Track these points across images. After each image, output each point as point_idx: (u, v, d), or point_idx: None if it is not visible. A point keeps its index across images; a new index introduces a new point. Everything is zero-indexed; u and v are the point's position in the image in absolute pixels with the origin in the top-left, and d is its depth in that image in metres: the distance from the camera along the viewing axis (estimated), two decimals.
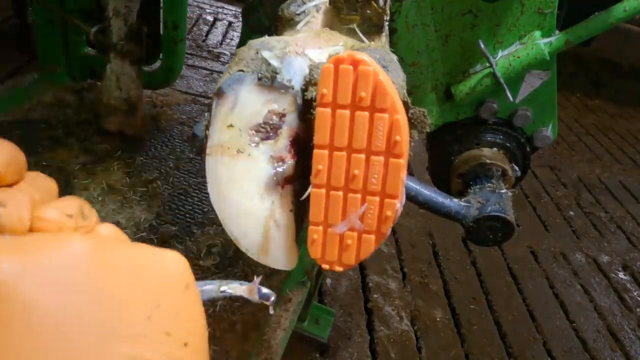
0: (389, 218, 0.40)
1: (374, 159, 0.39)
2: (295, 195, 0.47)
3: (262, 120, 0.45)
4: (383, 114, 0.38)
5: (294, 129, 0.46)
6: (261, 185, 0.46)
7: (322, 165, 0.40)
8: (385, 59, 0.45)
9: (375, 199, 0.40)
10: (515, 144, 0.76)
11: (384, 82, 0.38)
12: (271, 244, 0.47)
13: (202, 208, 1.42)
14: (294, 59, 0.46)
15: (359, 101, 0.38)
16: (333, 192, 0.41)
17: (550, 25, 0.68)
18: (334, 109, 0.39)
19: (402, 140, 0.38)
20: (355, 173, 0.40)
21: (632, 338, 1.90)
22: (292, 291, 1.15)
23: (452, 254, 2.03)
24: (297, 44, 0.47)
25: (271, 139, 0.46)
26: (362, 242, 0.41)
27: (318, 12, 0.54)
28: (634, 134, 3.72)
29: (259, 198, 0.46)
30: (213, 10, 2.97)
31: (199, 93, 2.00)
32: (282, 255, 0.48)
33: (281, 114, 0.45)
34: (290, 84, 0.45)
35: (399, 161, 0.39)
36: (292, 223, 0.48)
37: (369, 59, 0.38)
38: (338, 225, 0.41)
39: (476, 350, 1.66)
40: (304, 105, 0.45)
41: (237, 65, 0.46)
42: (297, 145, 0.46)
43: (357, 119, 0.39)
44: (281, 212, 0.47)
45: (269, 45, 0.47)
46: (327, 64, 0.38)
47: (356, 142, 0.39)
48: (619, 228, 2.54)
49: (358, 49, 0.46)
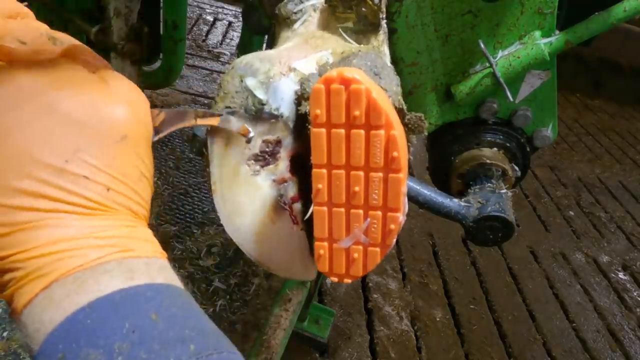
0: (393, 231, 0.40)
1: (373, 175, 0.39)
2: (303, 212, 0.48)
3: (259, 150, 0.46)
4: (379, 131, 0.38)
5: (292, 150, 0.47)
6: (270, 209, 0.47)
7: (322, 184, 0.40)
8: (377, 65, 0.44)
9: (378, 213, 0.40)
10: (515, 144, 0.76)
11: (377, 99, 0.37)
12: (290, 260, 0.49)
13: (202, 208, 1.42)
14: (279, 83, 0.46)
15: (354, 119, 0.38)
16: (335, 209, 0.41)
17: (550, 25, 0.68)
18: (329, 128, 0.39)
19: (399, 155, 0.38)
20: (355, 190, 0.40)
21: (632, 338, 1.90)
22: (292, 291, 1.15)
23: (452, 254, 2.03)
24: (281, 61, 0.47)
25: (271, 164, 0.47)
26: (368, 255, 0.42)
27: (315, 11, 0.54)
28: (634, 134, 3.72)
29: (270, 221, 0.48)
30: (213, 10, 2.97)
31: (199, 93, 2.00)
32: (301, 268, 0.50)
33: (276, 141, 0.46)
34: (279, 112, 0.45)
35: (398, 176, 0.39)
36: (305, 238, 0.49)
37: (359, 75, 0.37)
38: (343, 241, 0.42)
39: (476, 350, 1.66)
40: (299, 120, 0.45)
41: (223, 102, 0.46)
42: (297, 162, 0.47)
43: (353, 137, 0.38)
44: (293, 229, 0.48)
45: (252, 69, 0.46)
46: (317, 85, 0.38)
47: (354, 160, 0.39)
48: (619, 228, 2.54)
49: (348, 56, 0.46)
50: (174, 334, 0.29)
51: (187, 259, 1.21)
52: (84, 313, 0.28)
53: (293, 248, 0.49)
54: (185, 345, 0.29)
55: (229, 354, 0.30)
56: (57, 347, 0.28)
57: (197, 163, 1.56)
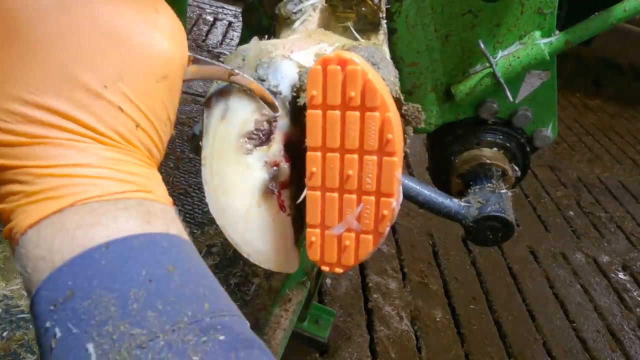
0: (386, 217, 0.40)
1: (368, 159, 0.39)
2: (293, 199, 0.47)
3: (254, 127, 0.45)
4: (374, 113, 0.38)
5: (287, 133, 0.46)
6: (258, 192, 0.46)
7: (316, 168, 0.40)
8: (375, 56, 0.44)
9: (371, 198, 0.40)
10: (515, 144, 0.76)
11: (372, 81, 0.37)
12: (272, 248, 0.48)
13: (202, 208, 1.42)
14: (280, 63, 0.46)
15: (349, 101, 0.38)
16: (328, 193, 0.41)
17: (550, 25, 0.68)
18: (324, 110, 0.39)
19: (394, 138, 0.38)
20: (349, 173, 0.40)
21: (632, 338, 1.90)
22: (292, 291, 1.15)
23: (452, 254, 2.03)
24: (285, 46, 0.47)
25: (264, 144, 0.46)
26: (361, 243, 0.41)
27: (315, 10, 0.54)
28: (634, 134, 3.72)
29: (256, 204, 0.46)
30: (213, 10, 2.97)
31: (199, 93, 2.00)
32: (283, 259, 0.48)
33: (272, 120, 0.46)
34: (278, 89, 0.45)
35: (393, 159, 0.38)
36: (291, 227, 0.48)
37: (357, 58, 0.38)
38: (335, 227, 0.41)
39: (476, 350, 1.66)
40: (297, 110, 0.45)
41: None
42: (291, 149, 0.46)
43: (348, 119, 0.38)
44: (280, 216, 0.47)
45: (256, 49, 0.47)
46: (314, 66, 0.38)
47: (348, 143, 0.39)
48: (619, 228, 2.54)
49: (349, 48, 0.46)
50: (189, 290, 0.28)
51: None
52: (100, 252, 0.26)
53: (277, 236, 0.47)
54: (200, 302, 0.27)
55: (239, 318, 0.29)
56: (66, 283, 0.26)
57: (197, 163, 1.56)
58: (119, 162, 0.29)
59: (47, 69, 0.28)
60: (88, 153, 0.28)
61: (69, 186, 0.28)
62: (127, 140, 0.30)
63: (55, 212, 0.27)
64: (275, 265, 0.48)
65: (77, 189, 0.28)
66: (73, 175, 0.28)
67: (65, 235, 0.26)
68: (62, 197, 0.27)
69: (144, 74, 0.31)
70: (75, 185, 0.28)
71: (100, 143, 0.29)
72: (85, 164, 0.28)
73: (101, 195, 0.28)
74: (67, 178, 0.28)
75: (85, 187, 0.28)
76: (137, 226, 0.28)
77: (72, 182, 0.28)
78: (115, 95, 0.29)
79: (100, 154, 0.29)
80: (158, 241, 0.29)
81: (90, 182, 0.28)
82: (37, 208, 0.27)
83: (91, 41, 0.29)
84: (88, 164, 0.28)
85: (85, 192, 0.28)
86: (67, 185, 0.27)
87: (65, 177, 0.28)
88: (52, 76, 0.28)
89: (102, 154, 0.29)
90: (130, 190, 0.29)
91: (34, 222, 0.27)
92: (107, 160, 0.29)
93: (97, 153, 0.29)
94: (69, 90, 0.28)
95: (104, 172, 0.29)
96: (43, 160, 0.27)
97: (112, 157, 0.29)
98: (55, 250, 0.26)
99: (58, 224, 0.27)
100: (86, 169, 0.28)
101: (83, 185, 0.28)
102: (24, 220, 0.27)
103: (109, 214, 0.27)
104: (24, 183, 0.27)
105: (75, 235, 0.26)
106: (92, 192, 0.28)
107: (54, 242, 0.26)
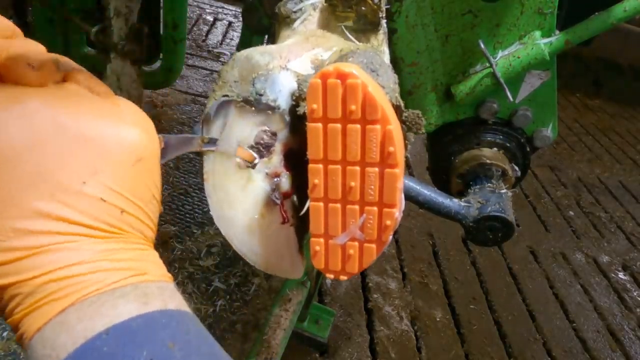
0: (389, 227, 0.40)
1: (369, 171, 0.39)
2: (295, 208, 0.48)
3: (254, 142, 0.46)
4: (375, 126, 0.38)
5: (287, 143, 0.46)
6: (261, 203, 0.47)
7: (318, 180, 0.40)
8: (374, 62, 0.44)
9: (374, 209, 0.40)
10: (515, 144, 0.76)
11: (373, 94, 0.37)
12: (277, 257, 0.49)
13: (202, 208, 1.42)
14: (278, 75, 0.46)
15: (350, 114, 0.38)
16: (331, 204, 0.41)
17: (550, 25, 0.68)
18: (325, 123, 0.39)
19: (395, 150, 0.38)
20: (351, 185, 0.40)
21: (632, 338, 1.90)
22: (292, 291, 1.15)
23: (452, 254, 2.03)
24: (282, 55, 0.47)
25: (264, 157, 0.46)
26: (364, 252, 0.42)
27: (315, 10, 0.54)
28: (634, 134, 3.72)
29: (260, 215, 0.47)
30: (213, 10, 2.97)
31: (199, 93, 2.00)
32: (288, 266, 0.49)
33: (272, 133, 0.46)
34: (276, 103, 0.45)
35: (395, 171, 0.39)
36: (294, 235, 0.49)
37: (356, 70, 0.37)
38: (339, 237, 0.41)
39: (476, 350, 1.66)
40: (296, 119, 0.45)
41: (221, 90, 0.46)
42: (292, 158, 0.47)
43: (349, 132, 0.38)
44: (283, 226, 0.48)
45: (253, 61, 0.46)
46: (314, 79, 0.38)
47: (350, 155, 0.39)
48: (619, 228, 2.54)
49: (347, 54, 0.46)
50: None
51: (187, 259, 1.21)
52: (101, 340, 0.28)
53: (282, 244, 0.48)
54: None
55: None
56: None
57: (197, 163, 1.56)
58: (112, 252, 0.31)
59: (23, 177, 0.29)
60: (80, 251, 0.30)
61: (68, 287, 0.29)
62: (116, 227, 0.32)
63: (57, 313, 0.29)
64: (281, 272, 0.50)
65: (75, 287, 0.29)
66: (69, 276, 0.29)
67: (67, 331, 0.28)
68: (62, 297, 0.29)
69: (118, 162, 0.32)
70: (73, 285, 0.29)
71: (90, 237, 0.31)
72: (80, 262, 0.30)
73: (99, 289, 0.30)
74: (64, 280, 0.29)
75: (83, 284, 0.30)
76: (135, 309, 0.30)
77: (69, 282, 0.29)
78: (94, 188, 0.31)
79: (92, 248, 0.31)
80: (157, 319, 0.30)
81: (87, 278, 0.30)
82: (41, 313, 0.29)
83: (63, 145, 0.30)
84: (82, 261, 0.30)
85: (83, 289, 0.29)
86: (65, 287, 0.29)
87: (63, 279, 0.29)
88: (33, 184, 0.29)
89: (94, 247, 0.31)
90: (126, 277, 0.31)
91: (40, 327, 0.29)
92: (99, 252, 0.31)
93: (89, 248, 0.31)
94: (50, 194, 0.30)
95: (98, 265, 0.30)
96: (40, 269, 0.29)
97: (104, 248, 0.31)
98: (60, 346, 0.28)
99: (61, 323, 0.29)
100: (81, 267, 0.30)
101: (81, 282, 0.30)
102: (30, 327, 0.29)
103: (107, 304, 0.29)
104: (27, 295, 0.29)
105: (77, 330, 0.28)
106: (90, 287, 0.29)
107: (58, 339, 0.28)
